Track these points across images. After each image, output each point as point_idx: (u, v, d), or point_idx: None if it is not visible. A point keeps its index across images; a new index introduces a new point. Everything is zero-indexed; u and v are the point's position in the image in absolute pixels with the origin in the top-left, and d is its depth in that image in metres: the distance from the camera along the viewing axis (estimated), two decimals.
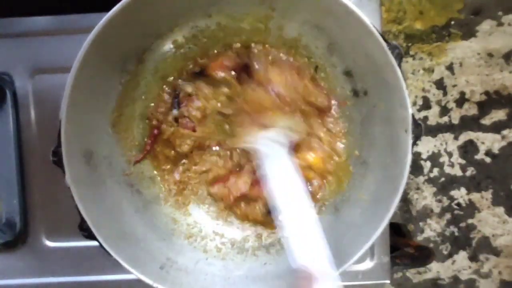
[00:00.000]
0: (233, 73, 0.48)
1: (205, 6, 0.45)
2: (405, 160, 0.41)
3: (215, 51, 0.49)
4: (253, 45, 0.48)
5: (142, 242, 0.47)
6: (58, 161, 0.40)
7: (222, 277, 0.48)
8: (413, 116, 0.40)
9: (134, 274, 0.43)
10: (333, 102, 0.50)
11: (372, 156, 0.47)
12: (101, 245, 0.42)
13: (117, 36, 0.41)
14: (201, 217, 0.53)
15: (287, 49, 0.49)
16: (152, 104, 0.50)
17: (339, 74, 0.48)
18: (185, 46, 0.48)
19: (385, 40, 0.40)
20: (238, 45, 0.48)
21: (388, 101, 0.43)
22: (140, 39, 0.45)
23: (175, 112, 0.50)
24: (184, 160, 0.52)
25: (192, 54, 0.49)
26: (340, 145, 0.50)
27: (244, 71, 0.48)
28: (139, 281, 0.43)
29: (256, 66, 0.47)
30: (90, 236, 0.41)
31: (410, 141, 0.40)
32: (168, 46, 0.48)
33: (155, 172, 0.52)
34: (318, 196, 0.50)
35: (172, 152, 0.51)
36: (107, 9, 0.39)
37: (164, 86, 0.50)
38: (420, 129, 0.41)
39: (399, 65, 0.39)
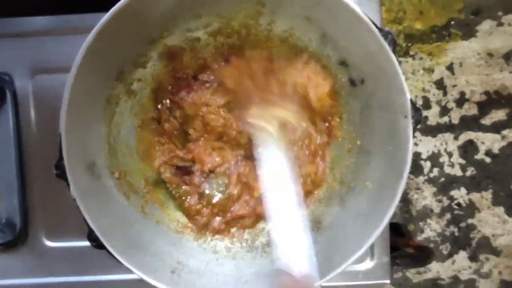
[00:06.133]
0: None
1: (195, 7, 0.45)
2: (407, 145, 0.41)
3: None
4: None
5: (152, 247, 0.47)
6: (61, 174, 0.40)
7: (234, 277, 0.48)
8: (411, 101, 0.40)
9: (147, 280, 0.43)
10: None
11: (374, 145, 0.47)
12: (111, 254, 0.42)
13: (109, 45, 0.41)
14: None
15: (280, 43, 0.49)
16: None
17: (335, 64, 0.48)
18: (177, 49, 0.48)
19: (377, 27, 0.40)
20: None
21: (385, 87, 0.43)
22: (133, 45, 0.45)
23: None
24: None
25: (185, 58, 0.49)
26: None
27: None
28: (139, 281, 0.43)
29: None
30: (99, 246, 0.42)
31: (411, 126, 0.41)
32: (160, 50, 0.48)
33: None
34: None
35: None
36: (107, 9, 0.39)
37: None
38: (420, 114, 0.41)
39: (393, 51, 0.39)
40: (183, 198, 0.51)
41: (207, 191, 0.51)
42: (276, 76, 0.47)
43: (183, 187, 0.51)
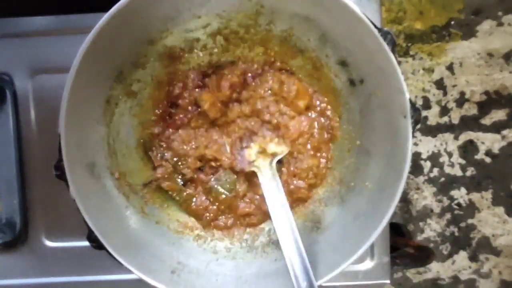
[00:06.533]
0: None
1: (194, 7, 0.45)
2: (406, 145, 0.41)
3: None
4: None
5: (151, 248, 0.47)
6: (61, 175, 0.40)
7: (233, 277, 0.48)
8: (411, 101, 0.40)
9: (146, 281, 0.43)
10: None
11: (373, 145, 0.47)
12: (110, 254, 0.42)
13: (109, 45, 0.41)
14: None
15: (280, 44, 0.49)
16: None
17: (334, 64, 0.48)
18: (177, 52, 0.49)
19: (376, 27, 0.40)
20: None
21: (385, 87, 0.43)
22: (132, 46, 0.45)
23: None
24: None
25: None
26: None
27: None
28: (139, 281, 0.43)
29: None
30: (99, 246, 0.42)
31: (410, 126, 0.41)
32: (159, 50, 0.48)
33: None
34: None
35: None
36: (107, 9, 0.39)
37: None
38: (419, 114, 0.41)
39: (393, 51, 0.40)
40: (188, 201, 0.52)
41: (214, 186, 0.51)
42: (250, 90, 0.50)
43: (187, 191, 0.51)
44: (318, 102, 0.51)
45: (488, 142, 1.10)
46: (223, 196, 0.51)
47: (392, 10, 1.06)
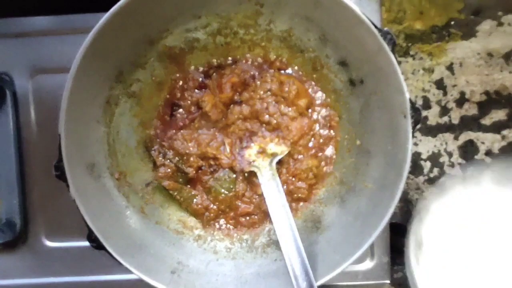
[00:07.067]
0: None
1: (194, 7, 0.45)
2: (406, 145, 0.41)
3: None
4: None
5: (152, 248, 0.47)
6: (61, 175, 0.40)
7: (234, 277, 0.48)
8: (411, 101, 0.40)
9: (147, 281, 0.43)
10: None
11: (373, 144, 0.47)
12: (111, 254, 0.42)
13: (109, 45, 0.41)
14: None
15: (280, 44, 0.49)
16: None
17: (334, 64, 0.48)
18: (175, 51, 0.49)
19: (376, 27, 0.40)
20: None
21: (385, 87, 0.43)
22: (132, 46, 0.45)
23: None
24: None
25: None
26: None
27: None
28: (139, 281, 0.43)
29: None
30: (99, 246, 0.42)
31: (410, 126, 0.41)
32: (159, 50, 0.48)
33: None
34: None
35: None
36: (107, 9, 0.39)
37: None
38: (419, 114, 0.41)
39: (393, 51, 0.40)
40: (189, 201, 0.52)
41: (214, 186, 0.51)
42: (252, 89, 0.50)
43: (192, 192, 0.52)
44: (318, 102, 0.51)
45: (488, 142, 1.10)
46: (223, 195, 0.51)
47: (392, 10, 1.06)
